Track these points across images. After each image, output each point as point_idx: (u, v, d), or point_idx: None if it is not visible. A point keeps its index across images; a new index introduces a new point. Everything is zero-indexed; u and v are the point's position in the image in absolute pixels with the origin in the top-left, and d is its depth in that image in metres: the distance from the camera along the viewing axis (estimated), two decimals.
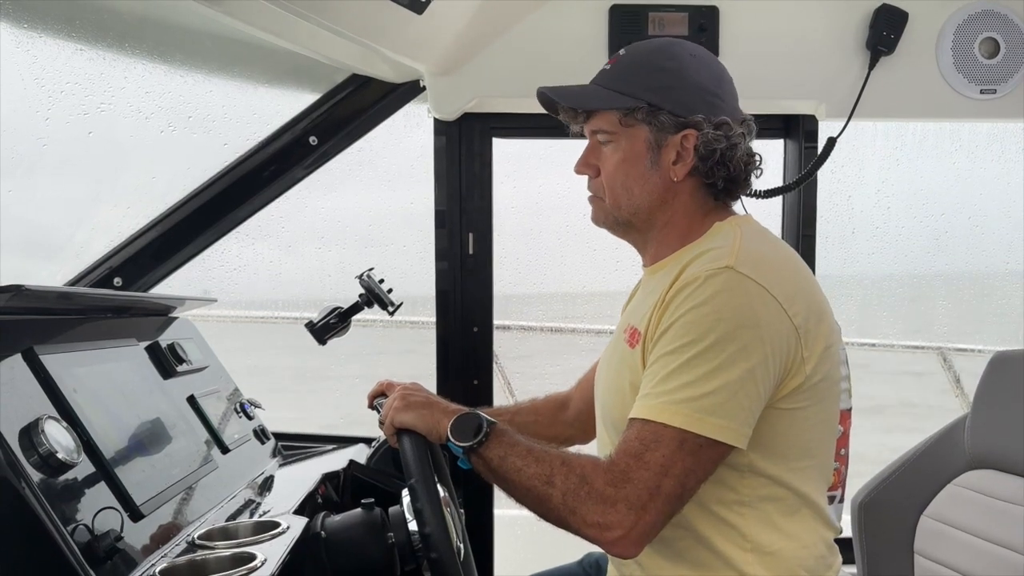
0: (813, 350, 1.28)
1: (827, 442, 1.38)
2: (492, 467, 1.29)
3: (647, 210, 1.40)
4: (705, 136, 1.35)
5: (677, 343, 1.24)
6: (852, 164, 3.00)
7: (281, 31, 1.97)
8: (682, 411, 1.21)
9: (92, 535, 1.15)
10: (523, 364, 3.60)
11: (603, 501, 1.20)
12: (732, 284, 1.24)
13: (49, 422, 1.20)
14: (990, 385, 1.89)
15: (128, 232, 2.29)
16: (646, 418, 1.23)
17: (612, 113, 1.38)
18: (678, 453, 1.20)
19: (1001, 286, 4.03)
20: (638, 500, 1.19)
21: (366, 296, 1.94)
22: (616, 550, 1.22)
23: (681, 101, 1.35)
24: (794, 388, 1.28)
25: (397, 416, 1.38)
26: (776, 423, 1.28)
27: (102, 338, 1.59)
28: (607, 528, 1.19)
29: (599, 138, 1.42)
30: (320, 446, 2.20)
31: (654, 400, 1.23)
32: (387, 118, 2.34)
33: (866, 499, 1.97)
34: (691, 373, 1.22)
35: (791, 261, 1.36)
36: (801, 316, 1.26)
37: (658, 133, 1.36)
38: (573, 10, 2.16)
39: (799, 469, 1.33)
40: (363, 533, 1.39)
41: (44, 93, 2.08)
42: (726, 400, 1.21)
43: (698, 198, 1.41)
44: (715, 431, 1.20)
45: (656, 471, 1.19)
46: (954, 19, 2.17)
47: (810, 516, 1.35)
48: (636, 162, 1.38)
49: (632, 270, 1.57)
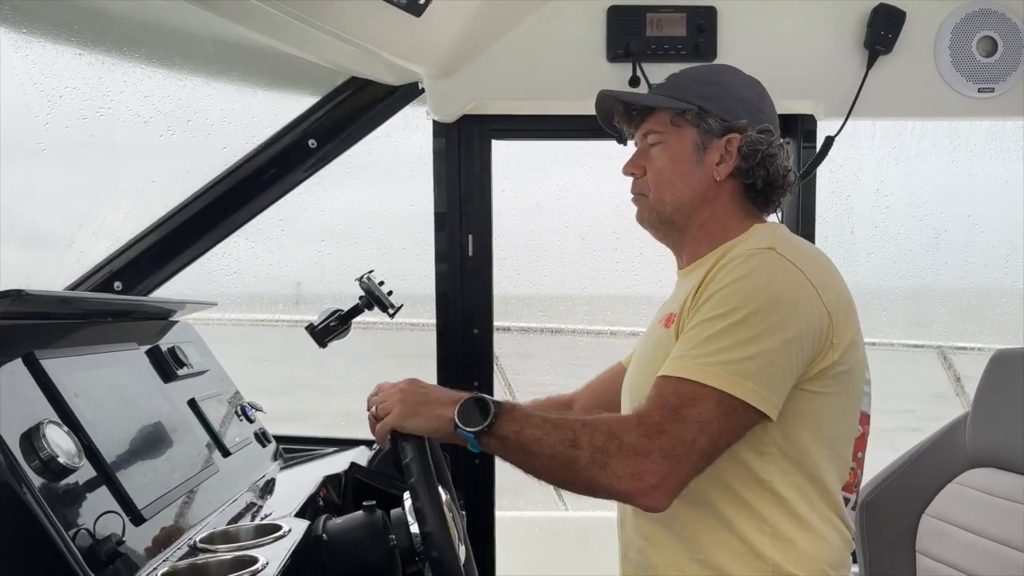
0: (842, 338, 1.32)
1: (847, 435, 1.42)
2: (508, 444, 1.27)
3: (688, 206, 1.47)
4: (749, 138, 1.44)
5: (717, 311, 1.28)
6: (851, 163, 3.01)
7: (280, 35, 1.97)
8: (720, 373, 1.23)
9: (93, 539, 1.15)
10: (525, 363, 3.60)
11: (636, 453, 1.20)
12: (773, 262, 1.30)
13: (50, 426, 1.20)
14: (991, 383, 1.89)
15: (128, 236, 2.29)
16: (683, 376, 1.24)
17: (665, 114, 1.48)
18: (715, 412, 1.22)
19: (1001, 284, 4.03)
20: (673, 451, 1.20)
21: (366, 298, 1.94)
22: (648, 501, 1.21)
23: (727, 108, 1.46)
24: (821, 370, 1.31)
25: (402, 423, 1.32)
26: (800, 404, 1.31)
27: (103, 342, 1.59)
28: (640, 478, 1.20)
29: (649, 139, 1.50)
30: (321, 449, 2.20)
31: (691, 360, 1.25)
32: (386, 120, 2.33)
33: (868, 498, 1.97)
34: (730, 338, 1.25)
35: (825, 259, 1.42)
36: (833, 304, 1.32)
37: (705, 135, 1.45)
38: (571, 11, 2.16)
39: (819, 457, 1.35)
40: (364, 536, 1.39)
41: (43, 97, 2.08)
42: (763, 367, 1.24)
43: (737, 200, 1.48)
44: (751, 396, 1.23)
45: (694, 427, 1.21)
46: (952, 18, 2.18)
47: (826, 508, 1.37)
48: (682, 160, 1.46)
49: (631, 272, 1.57)
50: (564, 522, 3.39)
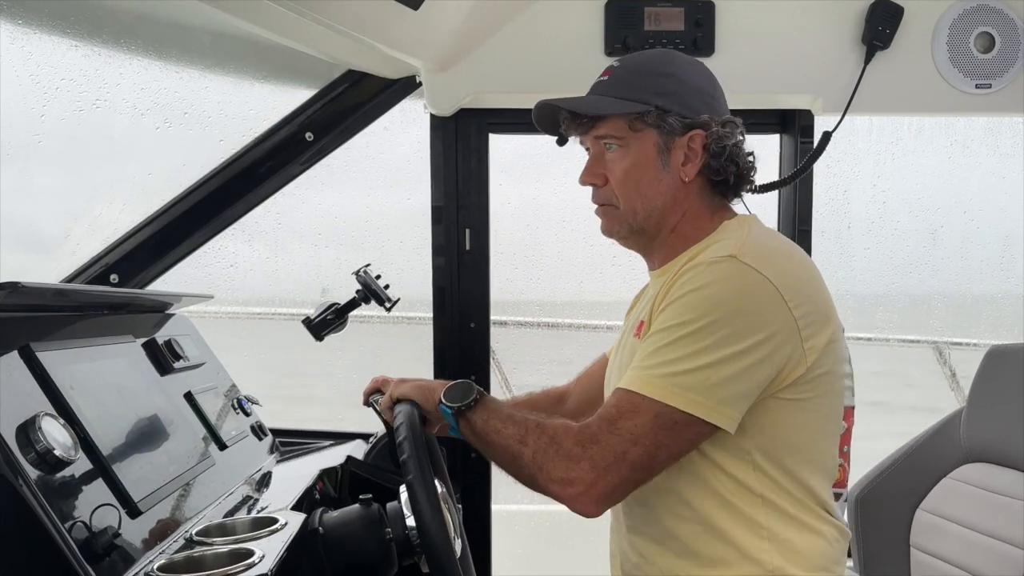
0: (816, 343, 1.29)
1: (831, 436, 1.40)
2: (476, 430, 1.35)
3: (660, 213, 1.41)
4: (714, 134, 1.38)
5: (671, 322, 1.28)
6: (848, 159, 3.01)
7: (277, 27, 1.96)
8: (661, 384, 1.24)
9: (90, 532, 1.15)
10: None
11: (569, 458, 1.25)
12: (732, 272, 1.27)
13: (46, 419, 1.20)
14: (986, 379, 1.89)
15: (124, 228, 2.28)
16: (626, 388, 1.27)
17: (620, 119, 1.39)
18: (652, 424, 1.23)
19: (997, 280, 4.04)
20: (602, 461, 1.23)
21: (363, 292, 1.94)
22: (577, 506, 1.26)
23: (686, 103, 1.38)
24: (796, 379, 1.29)
25: (396, 389, 1.48)
26: (779, 414, 1.30)
27: (99, 335, 1.59)
28: (569, 484, 1.25)
29: (605, 145, 1.42)
30: (318, 442, 2.20)
31: (638, 372, 1.27)
32: (383, 114, 2.33)
33: (862, 493, 1.98)
34: (680, 350, 1.25)
35: (796, 256, 1.37)
36: (803, 308, 1.28)
37: (667, 136, 1.38)
38: (569, 5, 2.16)
39: (805, 462, 1.34)
40: (361, 529, 1.39)
41: (39, 89, 2.08)
42: (707, 378, 1.23)
43: (705, 197, 1.43)
44: (690, 405, 1.23)
45: (625, 438, 1.24)
46: (949, 14, 2.18)
47: (819, 507, 1.37)
48: (647, 166, 1.39)
49: (627, 268, 1.58)
50: (561, 516, 3.38)
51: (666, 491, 1.35)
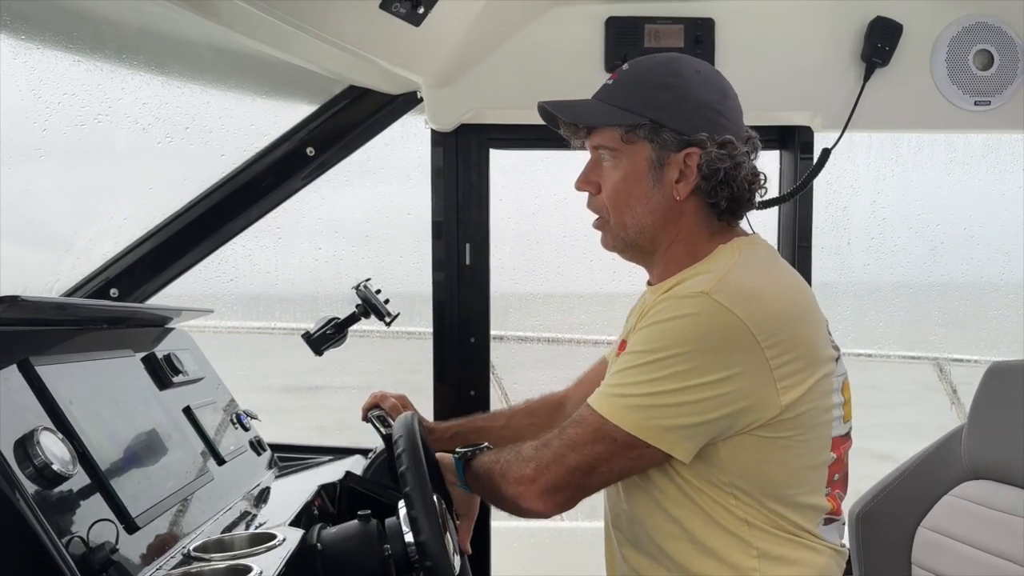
0: (793, 383, 1.27)
1: (817, 469, 1.36)
2: (473, 472, 1.43)
3: (651, 230, 1.39)
4: (708, 155, 1.33)
5: (636, 348, 1.31)
6: (848, 175, 3.01)
7: (278, 43, 1.97)
8: (610, 403, 1.29)
9: (87, 547, 1.14)
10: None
11: (523, 460, 1.34)
12: (702, 309, 1.26)
13: (44, 433, 1.19)
14: (987, 396, 1.89)
15: (125, 243, 2.29)
16: (587, 402, 1.34)
17: (614, 129, 1.36)
18: (591, 435, 1.29)
19: (997, 297, 4.04)
20: (545, 459, 1.31)
21: (363, 307, 1.94)
22: (524, 502, 1.33)
23: (684, 119, 1.34)
24: (771, 419, 1.27)
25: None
26: (757, 451, 1.30)
27: (98, 349, 1.58)
28: (519, 482, 1.33)
29: (601, 154, 1.41)
30: (316, 458, 2.19)
31: (599, 390, 1.34)
32: (384, 129, 2.34)
33: (863, 510, 1.97)
34: (635, 376, 1.29)
35: (783, 294, 1.32)
36: (779, 349, 1.25)
37: (660, 151, 1.34)
38: (570, 21, 2.17)
39: (787, 495, 1.33)
40: (359, 545, 1.38)
41: (42, 104, 2.09)
42: (655, 403, 1.26)
43: (702, 217, 1.39)
44: (632, 427, 1.27)
45: (566, 443, 1.31)
46: (948, 31, 2.19)
47: (805, 536, 1.36)
48: (638, 180, 1.37)
49: (625, 275, 1.58)
50: (560, 533, 3.38)
51: (656, 509, 1.36)
